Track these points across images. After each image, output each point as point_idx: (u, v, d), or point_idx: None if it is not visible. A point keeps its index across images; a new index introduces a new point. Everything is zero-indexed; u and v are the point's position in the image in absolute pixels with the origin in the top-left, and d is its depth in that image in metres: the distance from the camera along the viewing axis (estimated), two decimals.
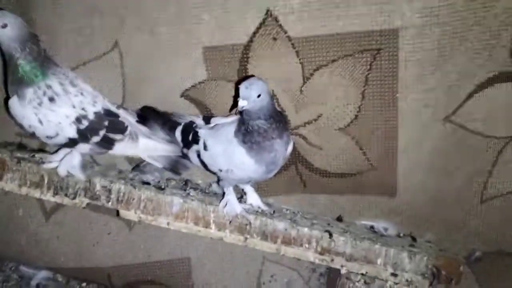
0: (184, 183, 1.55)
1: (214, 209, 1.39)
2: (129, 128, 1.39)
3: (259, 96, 1.17)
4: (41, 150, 1.53)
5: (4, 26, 1.20)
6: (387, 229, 1.60)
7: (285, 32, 1.37)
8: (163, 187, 1.45)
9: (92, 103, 1.33)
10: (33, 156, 1.44)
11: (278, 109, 1.44)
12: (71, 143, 1.32)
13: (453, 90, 1.41)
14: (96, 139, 1.34)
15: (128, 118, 1.42)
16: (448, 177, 1.52)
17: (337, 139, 1.49)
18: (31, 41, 1.25)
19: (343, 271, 1.43)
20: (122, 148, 1.39)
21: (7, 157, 1.39)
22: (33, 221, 1.61)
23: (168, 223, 1.39)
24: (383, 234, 1.58)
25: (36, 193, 1.40)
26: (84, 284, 1.72)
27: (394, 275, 1.41)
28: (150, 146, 1.44)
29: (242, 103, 1.17)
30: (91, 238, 1.62)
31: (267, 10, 1.35)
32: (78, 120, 1.30)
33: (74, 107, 1.30)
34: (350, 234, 1.44)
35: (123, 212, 1.40)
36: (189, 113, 1.49)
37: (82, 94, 1.32)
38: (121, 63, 1.45)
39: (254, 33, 1.38)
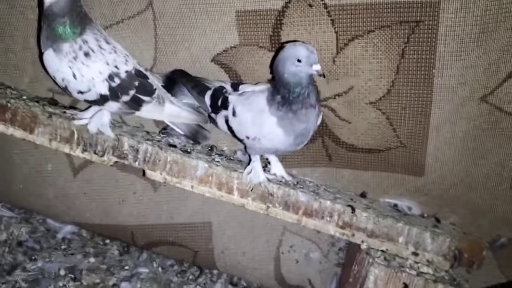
0: (209, 148, 1.55)
1: (238, 176, 1.39)
2: (157, 91, 1.39)
3: None
4: (72, 107, 1.55)
5: None
6: (411, 209, 1.58)
7: None
8: (189, 150, 1.45)
9: (124, 62, 1.33)
10: (64, 112, 1.46)
11: None
12: (102, 100, 1.33)
13: (493, 69, 1.36)
14: (125, 98, 1.34)
15: (155, 81, 1.42)
16: (479, 159, 1.48)
17: (367, 114, 1.46)
18: (76, 5, 1.26)
19: (363, 246, 1.42)
20: (148, 110, 1.39)
21: (39, 111, 1.40)
22: (62, 176, 1.64)
23: (192, 186, 1.40)
24: (406, 213, 1.56)
25: (66, 149, 1.41)
26: (108, 241, 1.76)
27: (415, 254, 1.40)
28: (175, 112, 1.44)
29: (318, 67, 1.19)
30: (117, 196, 1.65)
31: None
32: (111, 77, 1.31)
33: (107, 64, 1.30)
34: (373, 211, 1.43)
35: (149, 173, 1.41)
36: (218, 79, 1.47)
37: (115, 52, 1.32)
38: (154, 25, 1.44)
39: None
